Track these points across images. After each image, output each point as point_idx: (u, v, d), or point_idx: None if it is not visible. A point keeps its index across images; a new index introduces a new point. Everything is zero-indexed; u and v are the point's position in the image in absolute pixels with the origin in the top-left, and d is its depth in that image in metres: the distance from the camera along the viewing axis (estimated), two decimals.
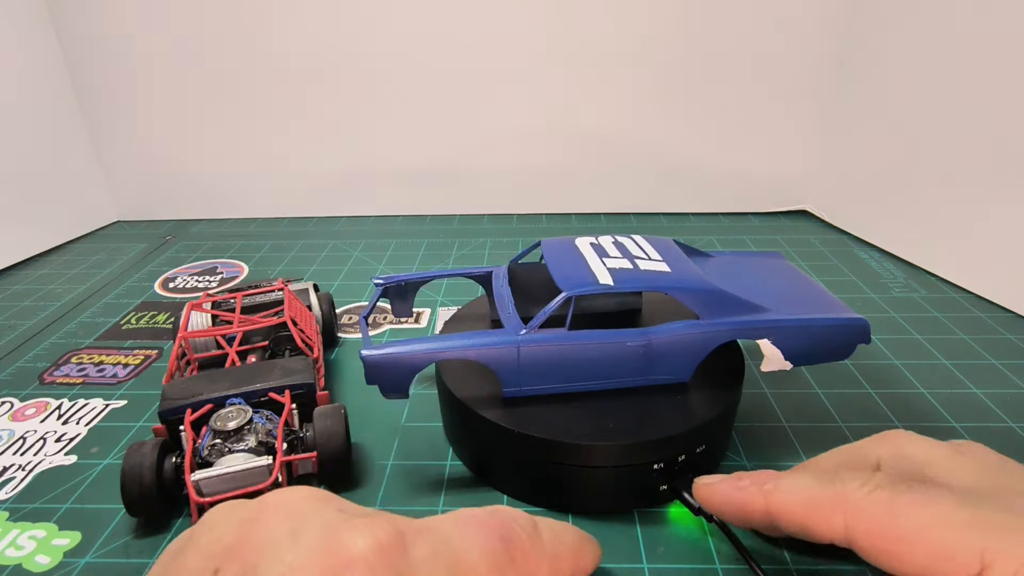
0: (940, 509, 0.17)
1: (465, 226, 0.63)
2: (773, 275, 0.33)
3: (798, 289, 0.31)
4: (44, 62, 0.59)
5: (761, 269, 0.33)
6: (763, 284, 0.32)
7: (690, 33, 0.58)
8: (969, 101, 0.46)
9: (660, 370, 0.28)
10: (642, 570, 0.25)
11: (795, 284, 0.32)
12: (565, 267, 0.29)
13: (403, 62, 0.60)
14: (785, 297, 0.30)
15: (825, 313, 0.29)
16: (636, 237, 0.33)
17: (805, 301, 0.30)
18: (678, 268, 0.29)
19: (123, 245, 0.61)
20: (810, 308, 0.29)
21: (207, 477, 0.26)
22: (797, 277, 0.33)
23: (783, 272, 0.33)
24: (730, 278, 0.31)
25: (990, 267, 0.46)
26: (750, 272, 0.33)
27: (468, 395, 0.28)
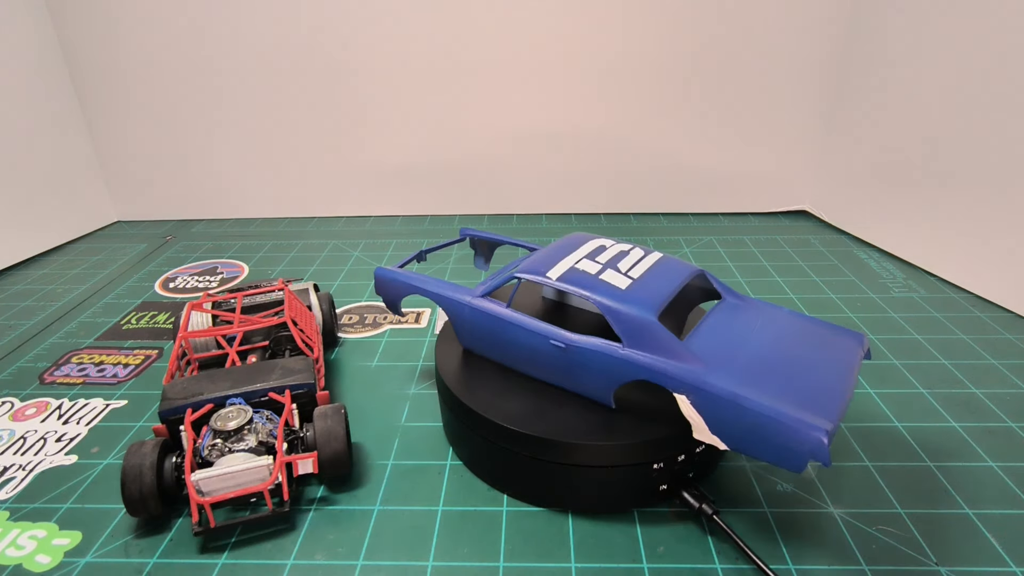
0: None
1: (465, 226, 0.63)
2: (811, 348, 0.26)
3: (814, 375, 0.24)
4: (44, 62, 0.59)
5: (810, 340, 0.27)
6: (773, 349, 0.26)
7: (691, 34, 0.58)
8: (969, 101, 0.46)
9: (580, 382, 0.27)
10: (642, 570, 0.25)
11: (822, 369, 0.25)
12: (547, 254, 0.30)
13: (404, 62, 0.60)
14: (771, 370, 0.24)
15: (776, 402, 0.23)
16: (654, 254, 0.30)
17: (791, 384, 0.24)
18: (635, 289, 0.27)
19: (123, 245, 0.61)
20: (775, 390, 0.23)
21: (207, 477, 0.26)
22: (842, 364, 0.25)
23: (834, 353, 0.26)
24: (736, 330, 0.27)
25: (990, 267, 0.46)
26: (783, 337, 0.27)
27: (468, 395, 0.28)
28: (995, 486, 0.29)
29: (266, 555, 0.26)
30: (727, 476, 0.29)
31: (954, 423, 0.33)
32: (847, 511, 0.27)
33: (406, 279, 0.33)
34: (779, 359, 0.25)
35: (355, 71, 0.60)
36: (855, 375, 0.25)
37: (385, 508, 0.28)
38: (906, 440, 0.31)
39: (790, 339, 0.27)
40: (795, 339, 0.27)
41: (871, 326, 0.42)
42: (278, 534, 0.27)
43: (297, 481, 0.29)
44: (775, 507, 0.27)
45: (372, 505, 0.28)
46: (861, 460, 0.30)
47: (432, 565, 0.25)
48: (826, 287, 0.48)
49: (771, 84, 0.59)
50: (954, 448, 0.31)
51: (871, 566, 0.25)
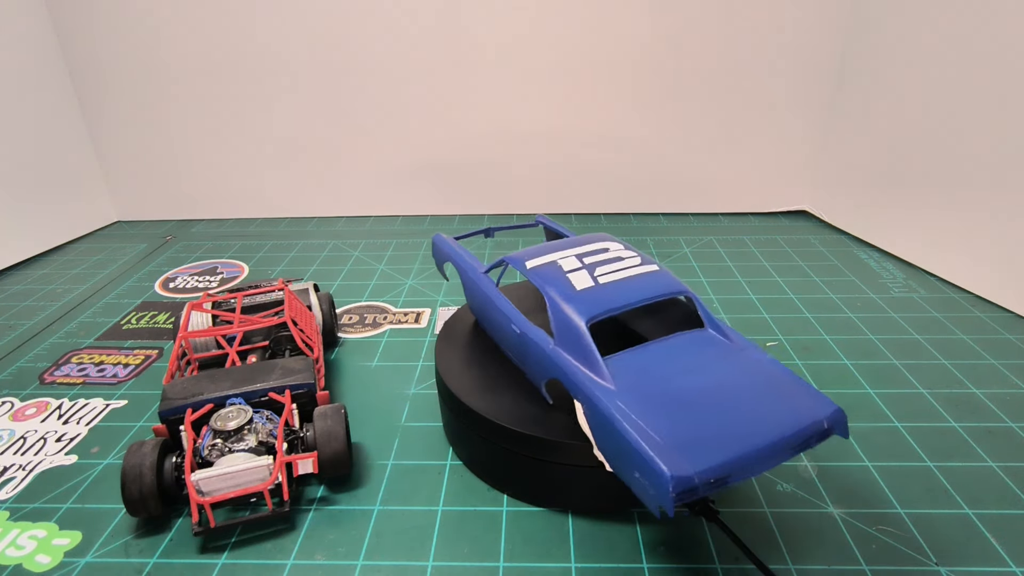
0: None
1: (465, 226, 0.63)
2: (753, 400, 0.23)
3: (727, 424, 0.22)
4: (44, 62, 0.59)
5: (761, 393, 0.23)
6: (702, 389, 0.23)
7: (691, 34, 0.58)
8: (969, 101, 0.46)
9: (527, 369, 0.27)
10: (642, 570, 0.25)
11: (743, 422, 0.22)
12: (547, 246, 0.31)
13: (403, 62, 0.60)
14: (681, 407, 0.22)
15: (648, 434, 0.21)
16: (648, 267, 0.28)
17: (689, 425, 0.22)
18: (588, 293, 0.26)
19: (123, 245, 0.61)
20: (661, 425, 0.21)
21: (207, 477, 0.26)
22: (776, 423, 0.22)
23: (778, 411, 0.22)
24: (678, 361, 0.25)
25: (990, 267, 0.46)
26: (729, 381, 0.24)
27: (468, 395, 0.28)
28: (995, 486, 0.29)
29: (266, 555, 0.26)
30: None
31: (954, 423, 0.33)
32: (847, 511, 0.27)
33: (448, 248, 0.35)
34: (702, 400, 0.23)
35: (355, 71, 0.60)
36: (788, 436, 0.21)
37: (385, 508, 0.28)
38: (906, 440, 0.31)
39: (736, 385, 0.24)
40: (742, 387, 0.23)
41: (871, 326, 0.42)
42: (278, 534, 0.27)
43: (297, 481, 0.29)
44: (775, 507, 0.27)
45: (372, 505, 0.28)
46: (861, 460, 0.30)
47: (432, 565, 0.25)
48: (826, 287, 0.48)
49: (771, 84, 0.59)
50: (954, 448, 0.31)
51: (871, 566, 0.25)
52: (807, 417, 0.22)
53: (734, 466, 0.20)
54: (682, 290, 0.27)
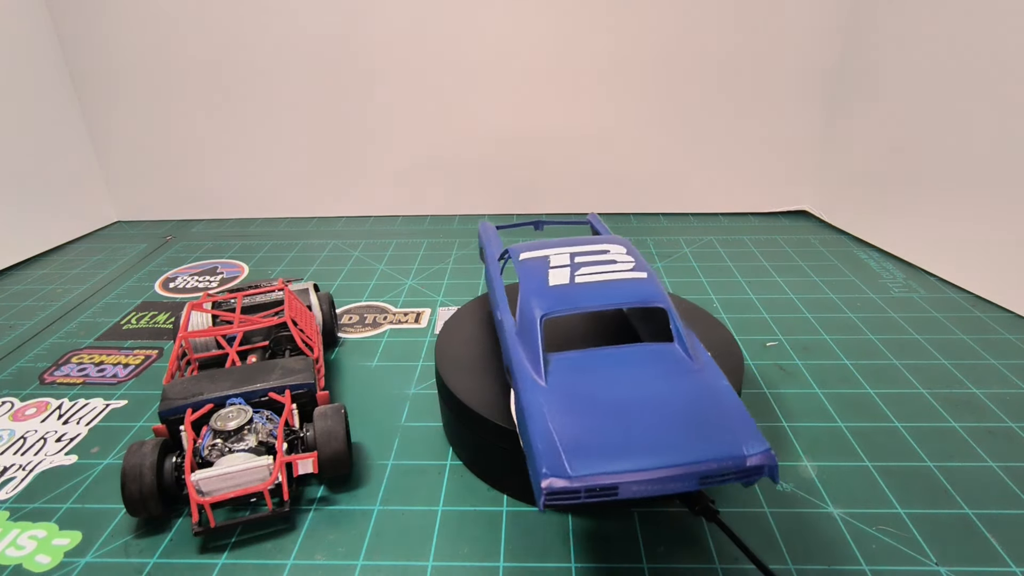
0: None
1: (465, 226, 0.63)
2: (679, 421, 0.22)
3: (633, 438, 0.21)
4: (44, 62, 0.59)
5: (693, 415, 0.22)
6: (633, 401, 0.23)
7: (692, 35, 0.58)
8: (969, 101, 0.46)
9: (503, 355, 0.27)
10: (642, 570, 0.25)
11: (651, 440, 0.21)
12: (549, 243, 0.31)
13: (404, 63, 0.60)
14: (598, 413, 0.22)
15: (547, 433, 0.21)
16: (635, 275, 0.28)
17: (594, 431, 0.21)
18: (557, 290, 0.26)
19: (123, 245, 0.61)
20: (567, 427, 0.21)
21: (207, 477, 0.26)
22: (685, 448, 0.21)
23: (698, 438, 0.21)
24: (623, 370, 0.24)
25: (990, 267, 0.46)
26: (665, 399, 0.23)
27: (468, 395, 0.28)
28: (995, 486, 0.29)
29: (266, 555, 0.26)
30: None
31: (954, 423, 0.33)
32: (847, 511, 0.27)
33: (485, 236, 0.37)
34: (622, 412, 0.22)
35: (356, 72, 0.60)
36: (695, 464, 0.20)
37: (385, 508, 0.28)
38: (906, 440, 0.31)
39: (667, 404, 0.22)
40: (673, 407, 0.22)
41: (871, 326, 0.43)
42: (278, 534, 0.27)
43: (297, 481, 0.29)
44: (775, 507, 0.27)
45: (372, 505, 0.28)
46: (861, 460, 0.30)
47: (432, 565, 0.25)
48: (826, 287, 0.48)
49: (771, 84, 0.59)
50: (954, 448, 0.31)
51: (871, 566, 0.25)
52: (725, 450, 0.20)
53: (623, 480, 0.20)
54: (655, 302, 0.26)
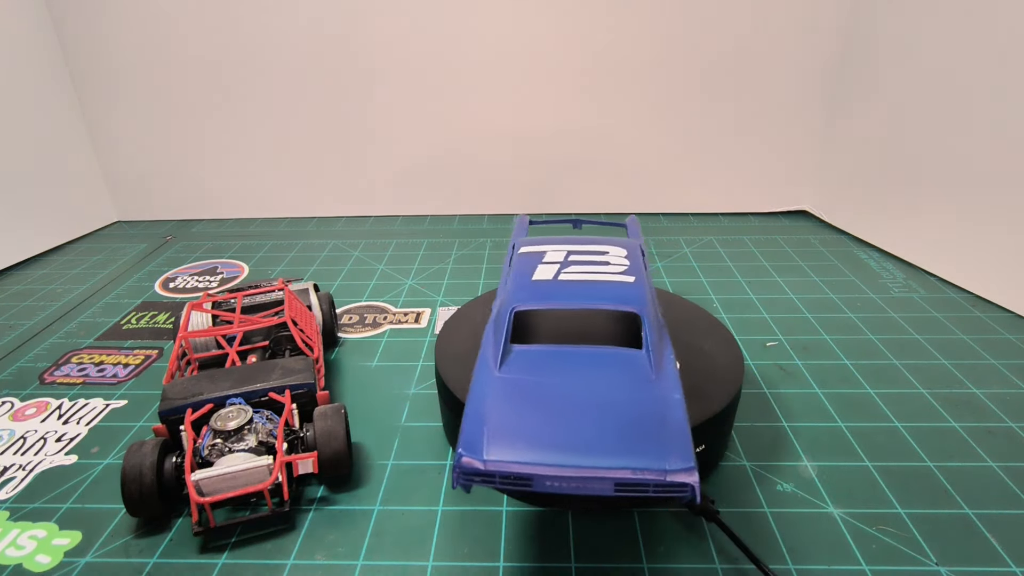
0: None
1: (465, 226, 0.63)
2: (611, 427, 0.21)
3: (559, 434, 0.21)
4: (44, 62, 0.59)
5: (628, 427, 0.21)
6: (574, 399, 0.23)
7: (691, 34, 0.58)
8: (969, 101, 0.46)
9: None
10: (642, 570, 0.25)
11: (575, 441, 0.21)
12: (553, 239, 0.31)
13: (404, 63, 0.60)
14: (536, 406, 0.22)
15: (479, 418, 0.21)
16: (621, 279, 0.28)
17: (522, 425, 0.21)
18: (537, 285, 0.27)
19: (123, 245, 0.61)
20: (502, 418, 0.22)
21: (207, 477, 0.26)
22: (606, 456, 0.20)
23: (623, 451, 0.20)
24: (576, 369, 0.24)
25: (990, 267, 0.46)
26: (607, 402, 0.22)
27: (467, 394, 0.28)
28: (995, 486, 0.29)
29: (266, 555, 0.26)
30: (727, 476, 0.29)
31: (954, 423, 0.33)
32: (847, 511, 0.27)
33: (515, 230, 0.37)
34: (560, 409, 0.22)
35: (356, 72, 0.60)
36: (612, 471, 0.20)
37: (385, 508, 0.28)
38: (906, 440, 0.31)
39: (606, 409, 0.22)
40: (611, 413, 0.22)
41: (871, 326, 0.43)
42: (278, 534, 0.27)
43: (297, 481, 0.29)
44: (775, 507, 0.27)
45: (372, 505, 0.28)
46: (861, 460, 0.30)
47: (432, 565, 0.25)
48: (826, 287, 0.48)
49: (771, 84, 0.59)
50: (954, 448, 0.31)
51: (871, 566, 0.25)
52: (645, 462, 0.20)
53: (537, 473, 0.20)
54: (629, 307, 0.26)
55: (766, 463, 0.30)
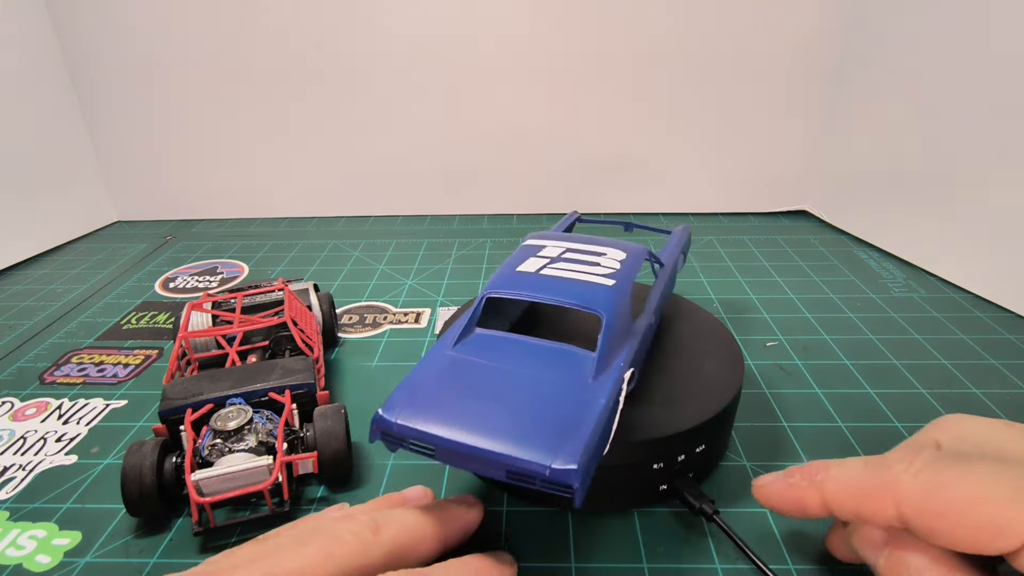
0: (982, 485, 0.17)
1: (465, 226, 0.63)
2: (526, 412, 0.22)
3: (475, 415, 0.22)
4: (44, 62, 0.59)
5: (542, 415, 0.22)
6: (508, 386, 0.23)
7: (690, 34, 0.58)
8: (969, 101, 0.46)
9: None
10: (642, 570, 0.25)
11: (483, 422, 0.21)
12: (562, 235, 0.32)
13: (403, 63, 0.60)
14: (470, 390, 0.23)
15: (406, 390, 0.23)
16: (603, 279, 0.27)
17: (447, 403, 0.22)
18: (520, 276, 0.27)
19: (123, 245, 0.61)
20: (431, 396, 0.23)
21: (207, 477, 0.26)
22: (505, 445, 0.21)
23: (526, 445, 0.21)
24: (522, 360, 0.25)
25: (990, 267, 0.46)
26: (537, 391, 0.23)
27: None
28: None
29: None
30: (727, 476, 0.29)
31: None
32: None
33: (559, 225, 0.41)
34: (486, 393, 0.23)
35: (356, 73, 0.61)
36: (501, 456, 0.20)
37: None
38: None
39: (526, 402, 0.23)
40: (528, 407, 0.22)
41: (871, 326, 0.43)
42: None
43: (297, 481, 0.29)
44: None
45: None
46: None
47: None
48: (826, 287, 0.48)
49: (772, 84, 0.59)
50: None
51: None
52: (533, 455, 0.20)
53: (439, 445, 0.21)
54: (594, 309, 0.25)
55: (766, 463, 0.30)
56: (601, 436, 0.21)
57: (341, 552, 0.20)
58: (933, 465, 0.19)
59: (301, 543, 0.20)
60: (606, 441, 0.22)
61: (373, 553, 0.21)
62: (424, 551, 0.22)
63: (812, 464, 0.22)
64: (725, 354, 0.31)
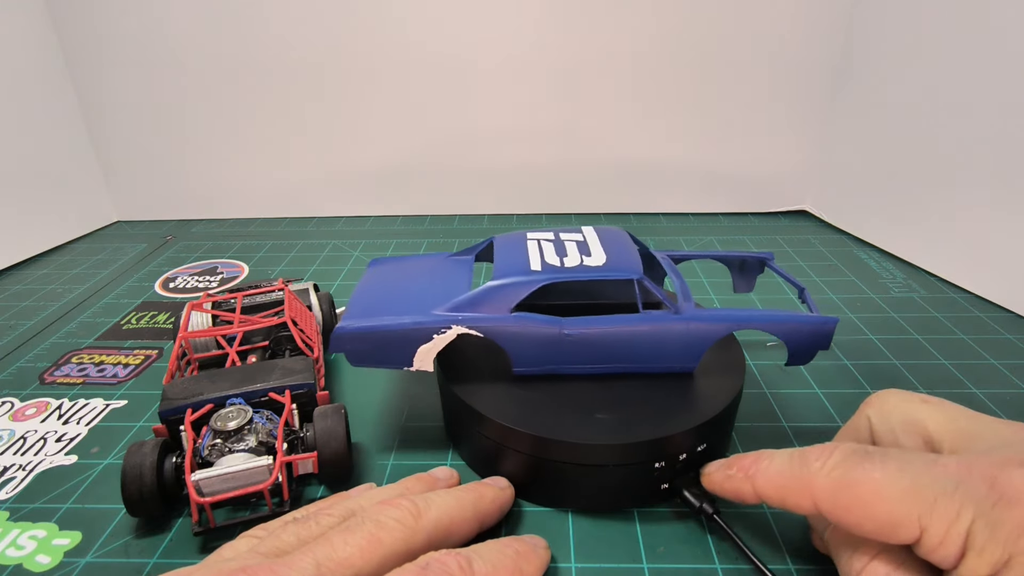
0: (883, 481, 0.19)
1: (465, 226, 0.63)
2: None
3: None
4: (44, 62, 0.59)
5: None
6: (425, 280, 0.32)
7: (690, 33, 0.58)
8: (969, 101, 0.46)
9: None
10: (642, 570, 0.25)
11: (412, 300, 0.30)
12: (566, 229, 0.33)
13: (403, 62, 0.60)
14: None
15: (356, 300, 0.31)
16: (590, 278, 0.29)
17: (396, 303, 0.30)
18: (513, 261, 0.30)
19: (123, 245, 0.61)
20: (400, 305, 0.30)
21: (207, 477, 0.26)
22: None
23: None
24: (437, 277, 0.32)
25: (990, 267, 0.46)
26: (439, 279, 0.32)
27: (470, 394, 0.28)
28: None
29: None
30: None
31: None
32: None
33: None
34: (404, 296, 0.30)
35: (356, 72, 0.60)
36: (407, 326, 0.28)
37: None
38: None
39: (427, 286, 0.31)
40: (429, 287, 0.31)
41: (871, 326, 0.43)
42: None
43: (297, 481, 0.29)
44: (775, 507, 0.27)
45: None
46: None
47: None
48: (826, 287, 0.48)
49: (771, 84, 0.59)
50: None
51: None
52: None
53: (377, 336, 0.28)
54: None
55: None
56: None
57: (388, 539, 0.21)
58: (844, 463, 0.20)
59: (349, 531, 0.21)
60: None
61: (416, 538, 0.22)
62: (463, 532, 0.24)
63: (748, 456, 0.23)
64: (726, 354, 0.31)
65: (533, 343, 0.28)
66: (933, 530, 0.18)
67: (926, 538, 0.18)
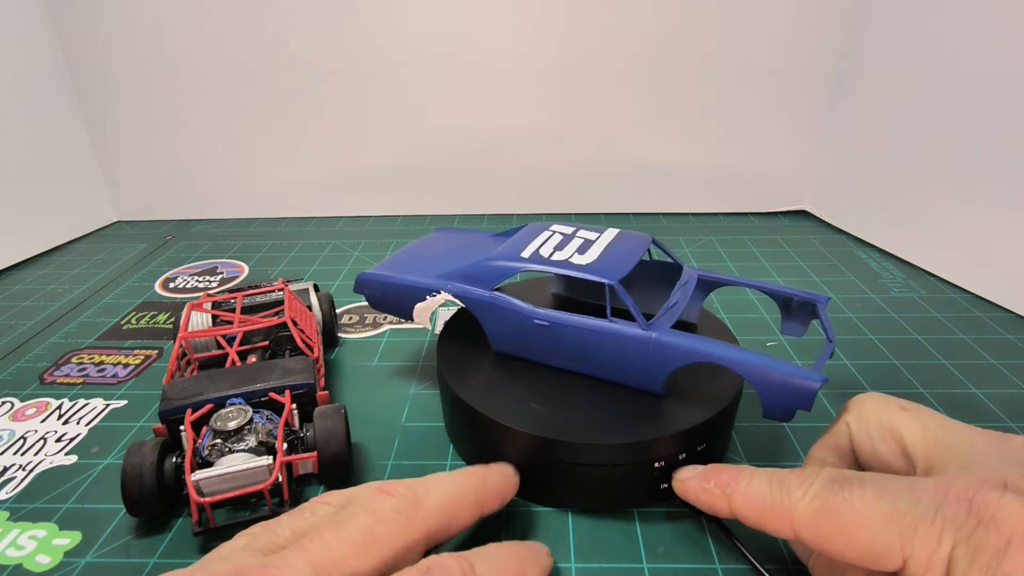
0: (863, 509, 0.19)
1: (465, 226, 0.63)
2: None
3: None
4: (44, 62, 0.59)
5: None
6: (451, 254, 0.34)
7: (691, 34, 0.58)
8: (968, 101, 0.46)
9: None
10: (642, 570, 0.25)
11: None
12: (576, 228, 0.34)
13: (403, 62, 0.60)
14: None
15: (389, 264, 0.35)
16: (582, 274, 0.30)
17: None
18: (509, 249, 0.31)
19: (123, 245, 0.61)
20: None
21: (207, 477, 0.26)
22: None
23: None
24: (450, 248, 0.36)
25: (990, 267, 0.46)
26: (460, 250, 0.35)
27: (470, 394, 0.28)
28: None
29: None
30: None
31: None
32: None
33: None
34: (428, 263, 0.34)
35: (355, 72, 0.60)
36: (406, 285, 0.32)
37: None
38: None
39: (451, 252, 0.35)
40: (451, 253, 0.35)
41: (871, 326, 0.43)
42: None
43: (297, 481, 0.29)
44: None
45: None
46: None
47: None
48: (826, 287, 0.48)
49: (772, 84, 0.59)
50: None
51: None
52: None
53: (387, 287, 0.33)
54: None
55: (766, 463, 0.30)
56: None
57: (384, 533, 0.21)
58: (825, 491, 0.20)
59: (343, 524, 0.20)
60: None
61: (415, 528, 0.21)
62: (463, 519, 0.23)
63: (725, 472, 0.23)
64: None
65: (507, 323, 0.30)
66: (916, 558, 0.17)
67: (910, 566, 0.18)
